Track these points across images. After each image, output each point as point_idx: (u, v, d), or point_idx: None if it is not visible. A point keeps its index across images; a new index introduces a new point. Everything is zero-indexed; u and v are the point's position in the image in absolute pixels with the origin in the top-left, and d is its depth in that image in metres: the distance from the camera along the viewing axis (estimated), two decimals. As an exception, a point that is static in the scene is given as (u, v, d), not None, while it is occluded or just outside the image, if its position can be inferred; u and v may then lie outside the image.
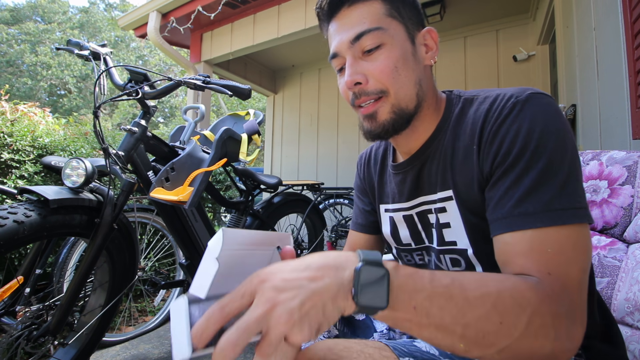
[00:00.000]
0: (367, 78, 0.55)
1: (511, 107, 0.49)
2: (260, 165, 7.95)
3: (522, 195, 0.45)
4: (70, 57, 15.71)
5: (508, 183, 0.47)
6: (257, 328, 0.30)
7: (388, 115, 0.56)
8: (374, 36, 0.53)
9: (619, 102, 1.32)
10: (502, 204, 0.47)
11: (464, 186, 0.54)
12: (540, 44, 3.05)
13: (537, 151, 0.46)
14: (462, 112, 0.58)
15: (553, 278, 0.41)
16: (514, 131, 0.48)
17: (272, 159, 4.93)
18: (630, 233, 0.79)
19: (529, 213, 0.44)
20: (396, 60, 0.54)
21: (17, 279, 1.17)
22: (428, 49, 0.59)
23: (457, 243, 0.57)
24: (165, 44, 3.47)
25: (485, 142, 0.51)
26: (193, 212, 1.51)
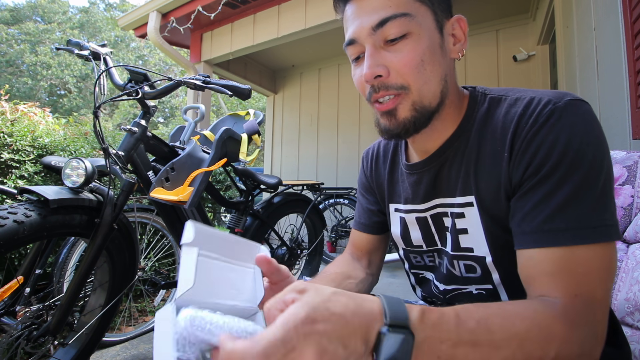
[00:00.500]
0: (389, 71, 0.49)
1: (548, 115, 0.45)
2: (260, 165, 7.95)
3: (553, 211, 0.43)
4: (70, 57, 15.71)
5: (540, 196, 0.44)
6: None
7: (409, 113, 0.50)
8: (400, 23, 0.47)
9: (619, 102, 1.32)
10: (531, 217, 0.44)
11: (488, 193, 0.51)
12: (540, 44, 3.05)
13: (573, 165, 0.43)
14: (488, 112, 0.53)
15: (579, 300, 0.40)
16: (550, 142, 0.44)
17: (272, 159, 4.93)
18: (631, 233, 0.79)
19: (559, 230, 0.42)
20: (422, 53, 0.48)
21: (17, 279, 1.17)
22: (456, 41, 0.53)
23: (473, 250, 0.55)
24: (165, 44, 3.47)
25: (518, 149, 0.47)
26: (193, 212, 1.51)
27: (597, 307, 0.40)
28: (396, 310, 0.33)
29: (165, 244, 2.02)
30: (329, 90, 4.43)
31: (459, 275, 0.59)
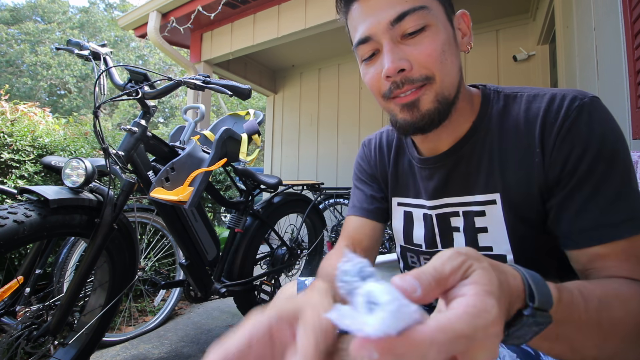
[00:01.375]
0: (412, 64, 0.47)
1: (578, 110, 0.46)
2: (260, 165, 7.95)
3: (606, 205, 0.44)
4: (70, 57, 15.71)
5: (588, 192, 0.45)
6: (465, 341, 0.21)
7: (432, 105, 0.49)
8: (418, 16, 0.46)
9: (619, 102, 1.32)
10: (585, 215, 0.45)
11: (516, 189, 0.51)
12: (540, 44, 3.05)
13: (612, 159, 0.44)
14: (505, 109, 0.53)
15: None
16: (584, 138, 0.45)
17: (272, 159, 4.93)
18: (631, 233, 0.79)
19: (616, 224, 0.43)
20: (443, 44, 0.48)
21: (17, 279, 1.17)
22: (463, 34, 0.54)
23: (493, 249, 0.54)
24: (165, 44, 3.47)
25: (552, 146, 0.47)
26: (193, 212, 1.51)
27: None
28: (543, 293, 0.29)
29: (165, 244, 2.02)
30: (329, 90, 4.43)
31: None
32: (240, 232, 1.70)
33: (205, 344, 1.69)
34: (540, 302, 0.28)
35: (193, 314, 2.10)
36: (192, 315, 2.08)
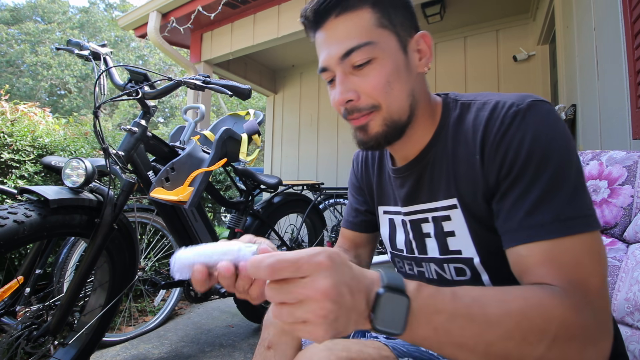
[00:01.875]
0: (359, 94, 0.53)
1: (513, 116, 0.48)
2: (260, 165, 7.95)
3: (531, 207, 0.44)
4: (71, 57, 15.71)
5: (517, 194, 0.46)
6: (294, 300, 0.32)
7: (380, 128, 0.54)
8: (364, 52, 0.50)
9: (619, 102, 1.32)
10: (511, 216, 0.46)
11: (468, 195, 0.53)
12: (540, 44, 3.04)
13: (543, 160, 0.45)
14: (460, 118, 0.56)
15: (574, 287, 0.40)
16: (517, 141, 0.47)
17: (272, 159, 4.93)
18: (630, 233, 0.79)
19: (540, 224, 0.43)
20: (388, 75, 0.52)
21: (17, 279, 1.17)
22: (422, 55, 0.56)
23: (462, 252, 0.56)
24: (165, 44, 3.47)
25: (489, 152, 0.50)
26: (193, 212, 1.51)
27: (594, 295, 0.40)
28: (393, 277, 0.37)
29: (165, 244, 2.02)
30: (329, 90, 4.42)
31: (449, 279, 0.60)
32: (240, 232, 1.70)
33: (205, 344, 1.69)
34: (389, 279, 0.36)
35: (193, 314, 2.10)
36: (192, 315, 2.08)
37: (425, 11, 3.12)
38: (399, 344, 0.52)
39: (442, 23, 3.33)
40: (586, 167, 0.90)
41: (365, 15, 0.51)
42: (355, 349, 0.46)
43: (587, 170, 0.89)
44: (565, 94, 2.23)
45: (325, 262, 0.33)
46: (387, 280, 0.36)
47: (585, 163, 0.91)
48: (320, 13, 0.53)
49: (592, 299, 0.40)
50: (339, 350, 0.46)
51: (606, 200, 0.83)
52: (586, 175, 0.89)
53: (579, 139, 1.92)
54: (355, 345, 0.47)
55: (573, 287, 0.40)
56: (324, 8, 0.52)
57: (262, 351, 0.64)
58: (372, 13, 0.51)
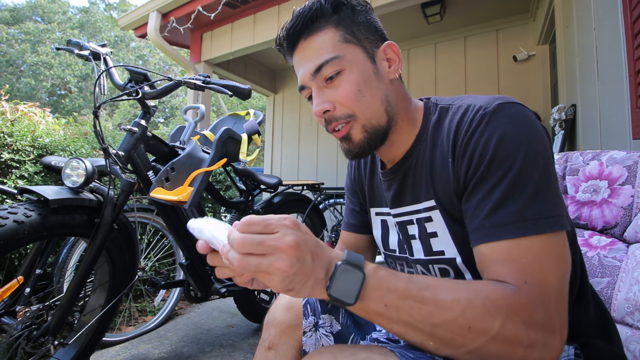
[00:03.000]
0: (334, 105, 0.56)
1: (479, 119, 0.50)
2: (260, 165, 7.94)
3: (493, 207, 0.46)
4: (71, 57, 15.71)
5: (481, 194, 0.48)
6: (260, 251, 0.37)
7: (362, 135, 0.57)
8: (332, 65, 0.54)
9: (619, 102, 1.32)
10: (475, 215, 0.48)
11: (444, 196, 0.55)
12: (540, 44, 3.05)
13: (507, 161, 0.46)
14: (438, 121, 0.58)
15: (529, 287, 0.41)
16: (483, 143, 0.48)
17: (272, 159, 4.93)
18: (631, 233, 0.79)
19: (501, 224, 0.45)
20: (358, 84, 0.55)
21: (17, 279, 1.17)
22: (391, 63, 0.59)
23: (445, 252, 0.57)
24: (165, 44, 3.47)
25: (458, 154, 0.52)
26: (193, 212, 1.51)
27: (550, 295, 0.41)
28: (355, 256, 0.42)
29: (165, 244, 2.02)
30: (329, 90, 4.42)
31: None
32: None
33: (205, 344, 1.69)
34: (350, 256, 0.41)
35: (193, 314, 2.10)
36: (192, 315, 2.08)
37: (425, 11, 3.12)
38: (405, 350, 0.52)
39: (442, 23, 3.34)
40: (586, 167, 0.90)
41: (329, 34, 0.56)
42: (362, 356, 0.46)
43: (587, 170, 0.89)
44: (565, 94, 2.23)
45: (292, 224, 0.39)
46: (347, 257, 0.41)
47: (586, 163, 0.91)
48: (291, 38, 0.58)
49: (547, 299, 0.41)
50: (345, 356, 0.46)
51: (606, 200, 0.83)
52: (586, 175, 0.89)
53: (579, 139, 1.92)
54: (362, 351, 0.47)
55: (528, 287, 0.41)
56: (293, 33, 0.58)
57: (262, 351, 0.64)
58: (335, 31, 0.56)
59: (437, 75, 3.68)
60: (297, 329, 0.64)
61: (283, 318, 0.65)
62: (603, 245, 0.81)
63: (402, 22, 3.43)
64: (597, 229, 0.86)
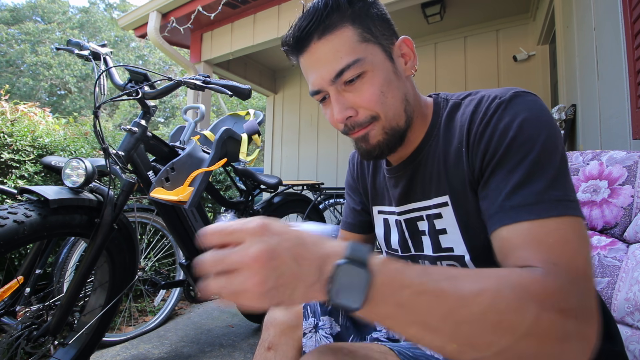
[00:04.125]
0: (356, 109, 0.54)
1: (496, 107, 0.49)
2: (260, 165, 7.94)
3: (513, 188, 0.43)
4: (71, 57, 15.70)
5: (500, 177, 0.46)
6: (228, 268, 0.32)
7: (381, 137, 0.55)
8: (354, 69, 0.51)
9: (619, 102, 1.32)
10: (493, 198, 0.45)
11: (458, 189, 0.54)
12: (540, 44, 3.04)
13: (527, 144, 0.45)
14: (450, 116, 0.57)
15: (559, 269, 0.37)
16: (501, 127, 0.47)
17: (272, 159, 4.93)
18: (631, 233, 0.79)
19: (523, 205, 0.42)
20: (380, 85, 0.52)
21: (17, 279, 1.17)
22: (406, 59, 0.57)
23: (454, 249, 0.56)
24: (165, 44, 3.46)
25: (472, 142, 0.50)
26: (193, 212, 1.51)
27: (581, 277, 0.38)
28: (357, 249, 0.34)
29: (165, 244, 2.02)
30: (329, 90, 4.42)
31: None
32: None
33: (205, 344, 1.69)
34: (352, 251, 0.34)
35: (193, 314, 2.10)
36: (192, 315, 2.08)
37: (425, 11, 3.12)
38: (404, 348, 0.52)
39: (442, 23, 3.34)
40: (586, 167, 0.90)
41: (347, 33, 0.51)
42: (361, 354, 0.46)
43: (587, 170, 0.89)
44: (565, 94, 2.23)
45: (257, 228, 0.33)
46: (349, 252, 0.34)
47: (586, 163, 0.91)
48: (302, 39, 0.53)
49: (577, 281, 0.37)
50: (345, 354, 0.45)
51: (606, 200, 0.83)
52: (586, 175, 0.89)
53: (579, 139, 1.92)
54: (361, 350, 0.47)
55: (558, 269, 0.37)
56: (306, 33, 0.52)
57: (262, 352, 0.64)
58: (353, 30, 0.52)
59: (437, 75, 3.68)
60: (297, 330, 0.64)
61: (283, 318, 0.65)
62: (603, 245, 0.81)
63: (402, 22, 3.43)
64: (597, 229, 0.86)
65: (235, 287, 0.32)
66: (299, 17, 0.53)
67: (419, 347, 0.54)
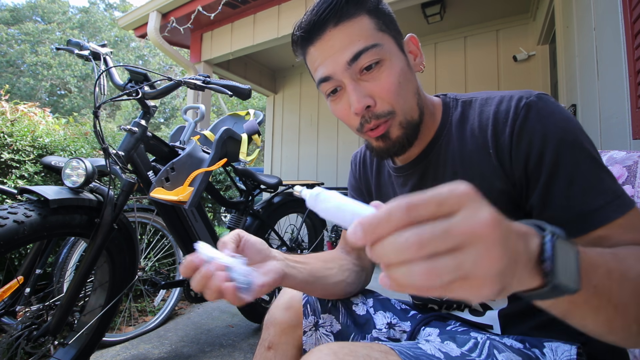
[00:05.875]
0: (375, 99, 0.52)
1: (527, 109, 0.49)
2: (260, 165, 7.94)
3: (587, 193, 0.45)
4: (71, 57, 15.70)
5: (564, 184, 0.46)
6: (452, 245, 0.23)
7: (400, 132, 0.54)
8: (372, 53, 0.50)
9: (619, 102, 1.32)
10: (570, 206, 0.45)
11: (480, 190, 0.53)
12: (540, 44, 3.04)
13: (575, 147, 0.46)
14: (463, 115, 0.57)
15: None
16: (540, 132, 0.47)
17: (272, 159, 4.93)
18: (630, 233, 0.79)
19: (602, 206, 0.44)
20: (398, 75, 0.52)
21: (17, 279, 1.16)
22: (415, 57, 0.58)
23: None
24: (165, 44, 3.47)
25: (507, 145, 0.50)
26: (193, 212, 1.51)
27: None
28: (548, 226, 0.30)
29: (165, 244, 2.02)
30: (329, 90, 4.41)
31: None
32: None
33: (205, 344, 1.69)
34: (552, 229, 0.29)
35: (193, 314, 2.10)
36: (192, 315, 2.08)
37: (425, 11, 3.12)
38: (405, 347, 0.52)
39: (442, 23, 3.34)
40: (586, 167, 0.90)
41: (364, 21, 0.51)
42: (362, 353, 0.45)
43: (587, 170, 0.89)
44: (565, 94, 2.23)
45: (473, 192, 0.24)
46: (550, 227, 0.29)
47: (586, 163, 0.91)
48: (319, 24, 0.52)
49: None
50: (346, 354, 0.45)
51: (606, 200, 0.83)
52: (586, 175, 0.89)
53: (579, 139, 1.92)
54: (362, 349, 0.46)
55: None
56: (323, 18, 0.51)
57: (262, 351, 0.64)
58: (369, 19, 0.52)
59: (437, 75, 3.68)
60: (297, 329, 0.64)
61: (283, 318, 0.65)
62: (603, 245, 0.81)
63: (402, 22, 3.37)
64: (597, 229, 0.86)
65: (469, 267, 0.23)
66: (315, 3, 0.52)
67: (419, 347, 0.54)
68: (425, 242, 0.23)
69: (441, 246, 0.23)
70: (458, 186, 0.25)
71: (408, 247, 0.23)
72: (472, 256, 0.23)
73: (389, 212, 0.24)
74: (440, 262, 0.23)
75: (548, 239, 0.28)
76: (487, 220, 0.23)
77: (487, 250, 0.23)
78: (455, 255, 0.23)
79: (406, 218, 0.24)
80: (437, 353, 0.53)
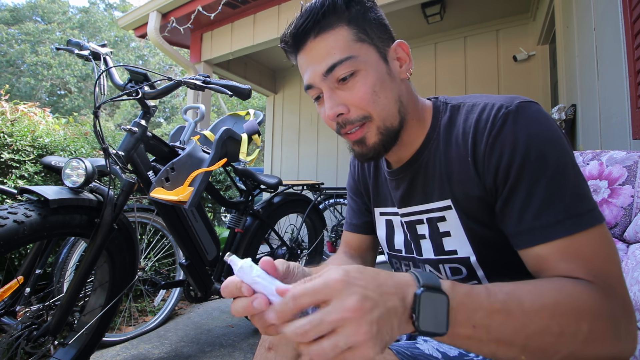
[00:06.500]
0: (348, 107, 0.54)
1: (503, 118, 0.49)
2: (260, 165, 7.94)
3: (540, 207, 0.45)
4: (71, 57, 15.70)
5: (522, 196, 0.46)
6: (329, 329, 0.31)
7: (376, 138, 0.55)
8: (346, 66, 0.52)
9: (619, 102, 1.32)
10: (521, 219, 0.46)
11: (462, 195, 0.54)
12: (540, 44, 3.04)
13: (541, 161, 0.46)
14: (450, 120, 0.57)
15: (599, 280, 0.41)
16: (510, 144, 0.47)
17: (272, 159, 4.93)
18: (630, 233, 0.79)
19: (553, 224, 0.44)
20: (373, 85, 0.53)
21: (17, 279, 1.16)
22: (402, 62, 0.58)
23: (457, 252, 0.57)
24: (165, 44, 3.47)
25: (482, 155, 0.51)
26: (193, 212, 1.51)
27: (617, 283, 0.42)
28: (428, 277, 0.37)
29: (165, 244, 2.02)
30: (329, 90, 4.41)
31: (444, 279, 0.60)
32: (240, 232, 1.70)
33: (205, 344, 1.69)
34: (424, 279, 0.36)
35: (193, 314, 2.10)
36: (192, 315, 2.08)
37: (425, 11, 3.12)
38: (402, 347, 0.52)
39: (442, 23, 3.34)
40: (586, 167, 0.90)
41: (342, 33, 0.53)
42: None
43: (587, 170, 0.89)
44: (565, 94, 2.23)
45: (341, 280, 0.32)
46: (423, 280, 0.36)
47: (586, 163, 0.91)
48: (299, 36, 0.54)
49: (615, 287, 0.41)
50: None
51: (606, 200, 0.83)
52: (586, 175, 0.89)
53: (579, 139, 1.92)
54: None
55: (597, 279, 0.41)
56: (302, 31, 0.53)
57: (262, 352, 0.64)
58: (348, 30, 0.53)
59: (437, 75, 3.68)
60: None
61: None
62: (603, 245, 0.81)
63: (402, 22, 3.43)
64: (597, 229, 0.86)
65: (344, 345, 0.30)
66: (297, 16, 0.55)
67: (417, 347, 0.54)
68: (308, 330, 0.31)
69: (321, 332, 0.31)
70: (331, 276, 0.33)
71: (299, 334, 0.31)
72: (345, 336, 0.30)
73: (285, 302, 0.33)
74: (324, 344, 0.31)
75: (418, 292, 0.35)
76: (352, 306, 0.31)
77: (356, 328, 0.30)
78: (333, 337, 0.31)
79: (295, 306, 0.32)
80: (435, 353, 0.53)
